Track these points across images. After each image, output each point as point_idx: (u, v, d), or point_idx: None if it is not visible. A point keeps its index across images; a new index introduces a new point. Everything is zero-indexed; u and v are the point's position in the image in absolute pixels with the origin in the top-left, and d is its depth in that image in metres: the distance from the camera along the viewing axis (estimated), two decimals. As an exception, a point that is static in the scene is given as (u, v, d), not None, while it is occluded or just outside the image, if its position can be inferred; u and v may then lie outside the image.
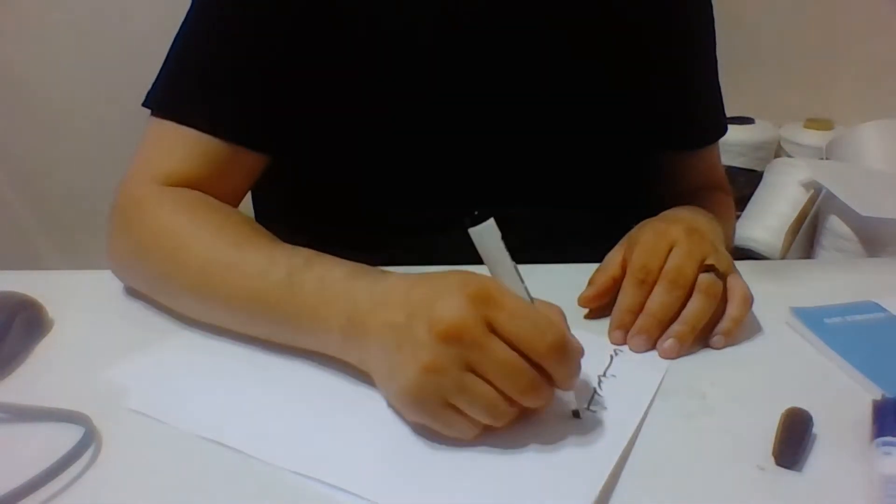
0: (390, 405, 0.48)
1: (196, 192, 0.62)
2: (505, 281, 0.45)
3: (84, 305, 0.62)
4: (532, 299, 0.46)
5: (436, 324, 0.43)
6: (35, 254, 1.71)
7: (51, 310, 0.59)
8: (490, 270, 0.46)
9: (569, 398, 0.47)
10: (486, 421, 0.44)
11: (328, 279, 0.51)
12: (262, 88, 0.64)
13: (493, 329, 0.43)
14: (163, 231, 0.59)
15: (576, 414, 0.48)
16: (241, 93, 0.64)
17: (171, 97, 0.64)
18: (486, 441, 0.45)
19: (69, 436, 0.45)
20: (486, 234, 0.44)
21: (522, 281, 0.46)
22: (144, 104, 0.65)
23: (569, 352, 0.44)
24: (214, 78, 0.64)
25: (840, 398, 0.51)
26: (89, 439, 0.45)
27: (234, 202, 0.67)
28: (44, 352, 0.56)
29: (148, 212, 0.60)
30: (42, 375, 0.53)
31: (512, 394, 0.44)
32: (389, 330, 0.46)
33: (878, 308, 0.61)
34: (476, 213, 0.44)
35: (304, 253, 0.55)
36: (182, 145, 0.63)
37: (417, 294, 0.46)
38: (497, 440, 0.45)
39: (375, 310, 0.47)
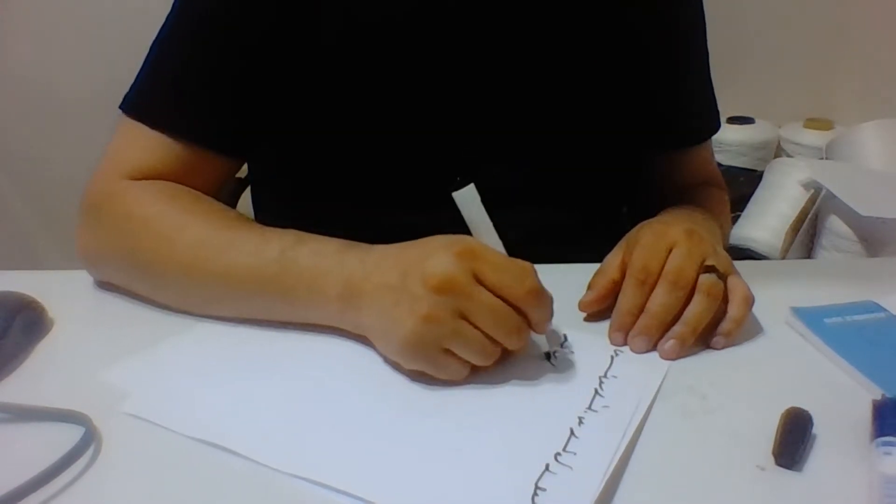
0: (386, 360, 0.53)
1: (172, 182, 0.63)
2: (485, 239, 0.52)
3: (84, 305, 0.63)
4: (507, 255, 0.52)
5: (429, 278, 0.48)
6: (35, 254, 1.72)
7: (51, 310, 0.59)
8: (472, 229, 0.52)
9: (541, 342, 0.54)
10: (476, 361, 0.50)
11: (322, 252, 0.55)
12: (234, 94, 0.65)
13: (478, 280, 0.49)
14: (147, 217, 0.60)
15: (548, 356, 0.54)
16: (212, 98, 0.65)
17: (143, 100, 0.65)
18: (485, 434, 0.46)
19: (69, 436, 0.45)
20: (468, 198, 0.51)
21: (499, 238, 0.53)
22: (120, 107, 0.65)
23: (544, 296, 0.51)
24: (186, 83, 0.65)
25: (840, 398, 0.51)
26: (89, 439, 0.45)
27: None
28: (44, 352, 0.56)
29: (126, 202, 0.61)
30: (42, 375, 0.53)
31: (498, 336, 0.50)
32: (385, 290, 0.51)
33: (878, 308, 0.61)
34: (458, 178, 0.50)
35: (293, 232, 0.58)
36: (151, 146, 0.63)
37: (408, 256, 0.51)
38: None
39: (370, 275, 0.52)
